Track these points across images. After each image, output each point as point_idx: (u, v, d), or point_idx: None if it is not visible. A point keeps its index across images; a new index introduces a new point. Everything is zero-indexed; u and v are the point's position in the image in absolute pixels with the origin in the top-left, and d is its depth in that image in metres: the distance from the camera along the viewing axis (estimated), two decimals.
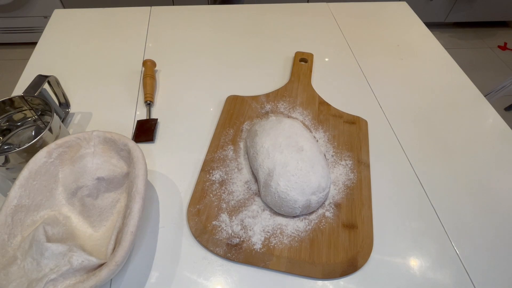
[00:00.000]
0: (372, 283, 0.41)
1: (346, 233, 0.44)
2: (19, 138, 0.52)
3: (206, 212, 0.45)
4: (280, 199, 0.43)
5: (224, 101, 0.61)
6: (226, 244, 0.42)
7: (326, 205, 0.47)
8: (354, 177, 0.50)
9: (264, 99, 0.61)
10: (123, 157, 0.46)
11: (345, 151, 0.53)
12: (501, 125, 0.60)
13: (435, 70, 0.71)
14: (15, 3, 1.74)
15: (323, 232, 0.44)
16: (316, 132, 0.56)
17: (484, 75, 1.95)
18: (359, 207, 0.47)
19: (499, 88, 1.43)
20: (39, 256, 0.36)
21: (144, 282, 0.40)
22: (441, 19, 2.17)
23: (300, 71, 0.68)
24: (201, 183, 0.48)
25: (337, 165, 0.52)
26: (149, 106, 0.60)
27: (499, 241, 0.45)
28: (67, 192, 0.44)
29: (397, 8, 0.89)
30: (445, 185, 0.51)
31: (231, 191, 0.48)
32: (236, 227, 0.44)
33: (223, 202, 0.46)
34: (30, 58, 0.69)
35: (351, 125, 0.58)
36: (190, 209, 0.46)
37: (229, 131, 0.55)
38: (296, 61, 0.70)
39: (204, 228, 0.44)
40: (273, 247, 0.42)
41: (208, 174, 0.49)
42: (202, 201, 0.46)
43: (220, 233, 0.43)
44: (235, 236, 0.43)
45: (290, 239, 0.43)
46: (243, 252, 0.42)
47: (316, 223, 0.45)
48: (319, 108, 0.60)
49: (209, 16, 0.83)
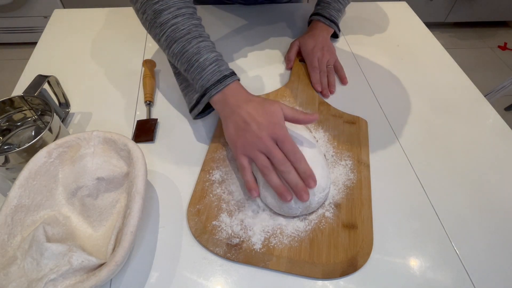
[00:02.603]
0: (371, 283, 0.41)
1: (346, 233, 0.44)
2: (19, 138, 0.52)
3: (206, 212, 0.45)
4: (280, 200, 0.43)
5: None
6: (226, 244, 0.42)
7: (326, 205, 0.47)
8: (354, 177, 0.50)
9: None
10: (123, 157, 0.46)
11: (345, 151, 0.53)
12: (501, 125, 0.60)
13: (435, 70, 0.71)
14: (15, 3, 1.75)
15: (323, 232, 0.44)
16: (316, 132, 0.56)
17: (484, 75, 1.95)
18: (359, 207, 0.47)
19: (499, 88, 1.43)
20: (39, 256, 0.36)
21: (144, 282, 0.40)
22: (441, 19, 2.18)
23: (300, 71, 0.68)
24: (201, 183, 0.48)
25: (337, 165, 0.52)
26: (149, 106, 0.60)
27: (499, 241, 0.45)
28: (67, 192, 0.44)
29: (397, 8, 0.89)
30: (445, 185, 0.51)
31: (231, 191, 0.48)
32: (236, 227, 0.44)
33: (223, 202, 0.46)
34: (30, 58, 0.69)
35: (351, 125, 0.58)
36: (190, 209, 0.46)
37: None
38: (296, 61, 0.70)
39: (204, 228, 0.44)
40: (273, 247, 0.42)
41: (208, 174, 0.49)
42: (202, 201, 0.46)
43: (220, 233, 0.43)
44: (235, 236, 0.43)
45: (290, 239, 0.43)
46: (243, 252, 0.42)
47: (316, 223, 0.45)
48: (319, 108, 0.60)
49: (209, 16, 0.83)
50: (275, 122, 0.45)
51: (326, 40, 0.71)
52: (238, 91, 0.49)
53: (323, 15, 0.72)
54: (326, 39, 0.71)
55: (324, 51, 0.68)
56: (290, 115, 0.47)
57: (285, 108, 0.47)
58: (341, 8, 0.73)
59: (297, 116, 0.47)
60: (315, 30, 0.71)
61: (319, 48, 0.68)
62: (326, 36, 0.71)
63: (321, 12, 0.73)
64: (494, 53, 2.14)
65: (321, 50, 0.68)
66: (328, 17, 0.72)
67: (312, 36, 0.70)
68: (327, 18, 0.72)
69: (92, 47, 0.73)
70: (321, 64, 0.67)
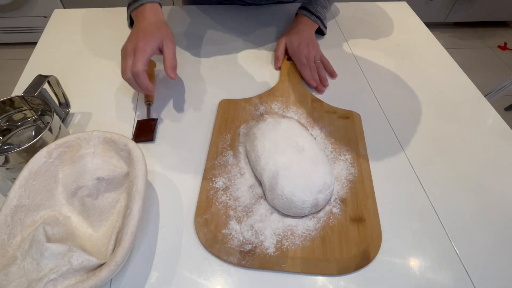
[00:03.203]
0: (371, 283, 0.41)
1: (355, 226, 0.44)
2: (19, 138, 0.52)
3: (214, 221, 0.44)
4: (288, 202, 0.43)
5: (216, 104, 0.60)
6: (239, 251, 0.42)
7: (332, 202, 0.47)
8: (355, 171, 0.51)
9: (257, 101, 0.61)
10: (123, 157, 0.46)
11: (343, 146, 0.54)
12: (501, 125, 0.60)
13: (435, 70, 0.71)
14: (15, 3, 1.75)
15: (333, 229, 0.44)
16: (312, 129, 0.56)
17: (484, 75, 1.95)
18: (363, 200, 0.47)
19: (499, 88, 1.43)
20: (39, 256, 0.36)
21: (144, 282, 0.40)
22: (441, 19, 2.17)
23: (289, 69, 0.68)
24: (205, 191, 0.47)
25: (337, 161, 0.52)
26: (149, 106, 0.60)
27: (499, 241, 0.45)
28: (67, 192, 0.44)
29: (397, 8, 0.89)
30: (445, 185, 0.51)
31: (237, 197, 0.47)
32: (246, 233, 0.43)
33: (230, 209, 0.46)
34: (30, 58, 0.69)
35: (346, 119, 0.58)
36: (197, 219, 0.44)
37: (226, 136, 0.54)
38: (284, 59, 0.70)
39: (215, 238, 0.43)
40: (286, 249, 0.42)
41: (211, 182, 0.48)
42: (208, 211, 0.45)
43: (232, 241, 0.43)
44: (247, 243, 0.42)
45: (302, 239, 0.43)
46: (257, 258, 0.41)
47: (325, 220, 0.45)
48: (312, 105, 0.61)
49: (208, 16, 0.83)
50: (146, 40, 0.54)
51: (311, 36, 0.72)
52: (147, 14, 0.58)
53: (309, 10, 0.73)
54: (310, 35, 0.72)
55: (310, 47, 0.69)
56: (166, 53, 0.54)
57: (169, 45, 0.55)
58: (327, 5, 0.75)
59: (169, 60, 0.55)
60: (300, 25, 0.73)
61: (304, 45, 0.69)
62: (310, 32, 0.73)
63: (307, 6, 0.74)
64: (494, 53, 2.14)
65: (306, 46, 0.69)
66: (314, 12, 0.73)
67: (297, 32, 0.71)
68: (313, 13, 0.73)
69: (92, 47, 0.73)
70: (309, 61, 0.68)
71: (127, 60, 0.53)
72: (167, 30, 0.57)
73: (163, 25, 0.58)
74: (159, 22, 0.58)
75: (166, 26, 0.58)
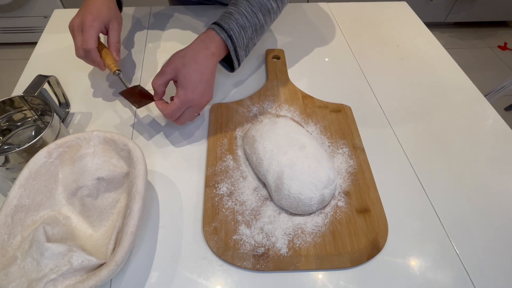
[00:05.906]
0: (371, 283, 0.41)
1: (362, 217, 0.45)
2: (19, 138, 0.52)
3: (223, 229, 0.44)
4: (295, 201, 0.43)
5: (207, 109, 0.60)
6: (252, 256, 0.42)
7: (337, 195, 0.48)
8: (354, 162, 0.51)
9: (249, 102, 0.60)
10: (123, 157, 0.46)
11: (339, 139, 0.55)
12: (501, 125, 0.60)
13: (435, 70, 0.71)
14: (15, 3, 1.74)
15: (341, 222, 0.45)
16: (307, 126, 0.57)
17: (484, 75, 1.95)
18: (366, 190, 0.48)
19: (499, 88, 1.43)
20: (39, 256, 0.36)
21: (144, 282, 0.40)
22: (441, 19, 2.17)
23: (276, 68, 0.67)
24: (210, 199, 0.47)
25: (336, 155, 0.52)
26: (119, 75, 0.55)
27: (499, 241, 0.45)
28: (67, 192, 0.44)
29: (397, 8, 0.89)
30: (445, 185, 0.51)
31: (243, 202, 0.47)
32: (257, 236, 0.43)
33: (238, 214, 0.45)
34: (30, 58, 0.69)
35: (338, 113, 0.59)
36: (205, 228, 0.44)
37: (223, 140, 0.54)
38: (269, 59, 0.69)
39: (226, 245, 0.42)
40: (299, 248, 0.42)
41: (214, 189, 0.48)
42: (216, 218, 0.45)
43: (244, 246, 0.42)
44: (260, 246, 0.42)
45: (313, 236, 0.43)
46: (271, 260, 0.41)
47: (332, 214, 0.46)
48: (303, 102, 0.61)
49: (208, 16, 0.83)
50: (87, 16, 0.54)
51: (198, 62, 0.50)
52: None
53: (220, 24, 0.53)
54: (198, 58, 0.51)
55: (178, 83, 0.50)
56: (111, 36, 0.57)
57: (115, 27, 0.57)
58: (246, 25, 0.53)
59: (114, 43, 0.57)
60: (196, 40, 0.53)
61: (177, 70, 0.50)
62: (202, 56, 0.51)
63: (218, 21, 0.54)
64: (494, 53, 2.14)
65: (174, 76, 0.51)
66: (226, 28, 0.52)
67: (185, 49, 0.52)
68: (223, 29, 0.52)
69: None
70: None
71: (76, 37, 0.54)
72: (117, 12, 0.58)
73: (113, 6, 0.59)
74: (109, 2, 0.58)
75: (116, 8, 0.59)
